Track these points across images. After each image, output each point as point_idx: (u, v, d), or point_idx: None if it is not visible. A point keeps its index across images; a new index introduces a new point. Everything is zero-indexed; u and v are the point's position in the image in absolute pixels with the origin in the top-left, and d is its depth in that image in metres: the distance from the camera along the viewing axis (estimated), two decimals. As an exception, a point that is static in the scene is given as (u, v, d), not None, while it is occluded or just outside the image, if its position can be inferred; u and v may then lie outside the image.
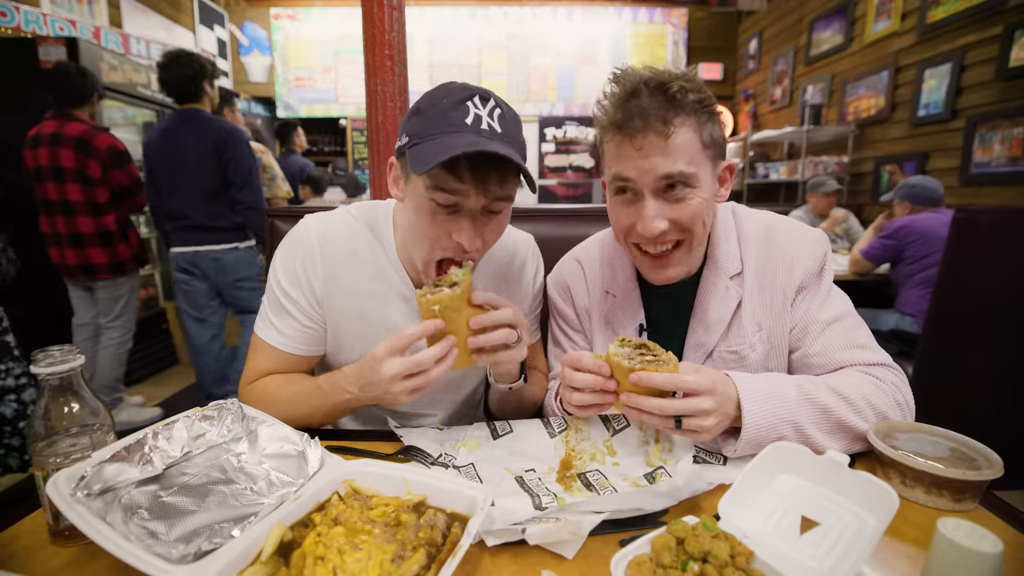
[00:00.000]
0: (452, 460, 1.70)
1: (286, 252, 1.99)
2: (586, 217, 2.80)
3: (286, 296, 1.96)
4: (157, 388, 7.26)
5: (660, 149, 1.68)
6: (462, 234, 1.70)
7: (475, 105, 1.65)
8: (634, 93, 1.70)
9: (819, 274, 1.93)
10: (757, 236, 1.99)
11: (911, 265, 5.45)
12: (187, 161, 5.20)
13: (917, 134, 7.40)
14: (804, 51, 10.10)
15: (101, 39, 7.90)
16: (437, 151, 1.56)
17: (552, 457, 1.75)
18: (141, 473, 1.24)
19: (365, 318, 2.01)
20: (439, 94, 1.70)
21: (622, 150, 1.74)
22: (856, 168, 8.65)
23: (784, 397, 1.63)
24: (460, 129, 1.61)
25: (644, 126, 1.67)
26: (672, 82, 1.68)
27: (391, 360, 1.60)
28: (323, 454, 1.47)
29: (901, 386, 1.75)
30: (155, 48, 8.93)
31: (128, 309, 5.81)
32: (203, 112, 5.33)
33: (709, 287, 1.97)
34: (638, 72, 1.74)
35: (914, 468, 1.41)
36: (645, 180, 1.72)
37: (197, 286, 5.50)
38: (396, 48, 3.73)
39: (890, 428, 1.60)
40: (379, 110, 3.78)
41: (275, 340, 1.99)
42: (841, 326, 1.87)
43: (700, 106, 1.72)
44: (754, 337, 1.93)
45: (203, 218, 5.30)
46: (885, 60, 7.93)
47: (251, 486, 1.31)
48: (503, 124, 1.68)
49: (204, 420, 1.45)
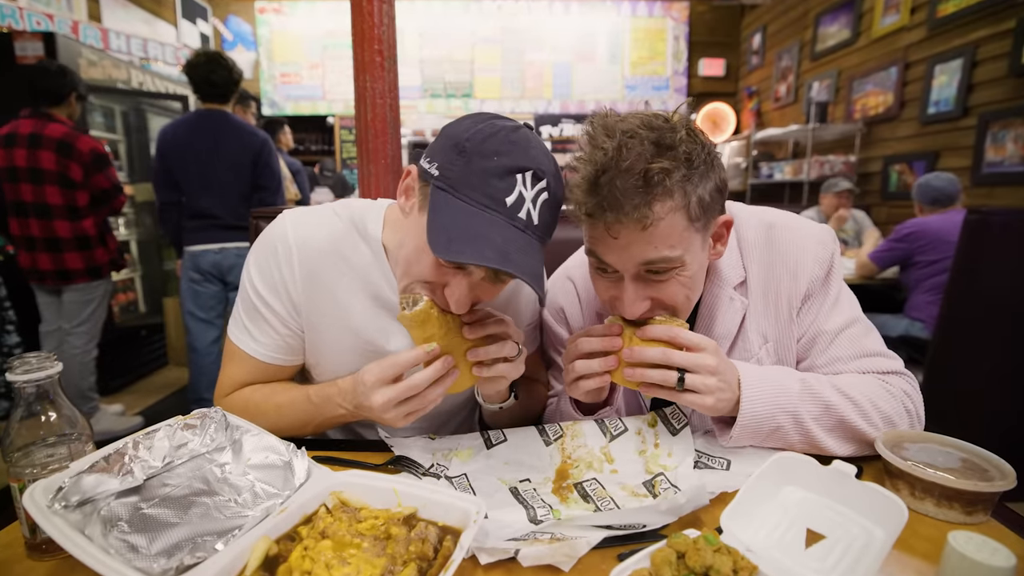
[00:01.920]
0: (444, 471, 1.70)
1: (261, 253, 1.91)
2: None
3: (262, 302, 1.89)
4: (139, 396, 7.25)
5: (637, 238, 1.56)
6: (454, 295, 1.60)
7: (523, 184, 1.50)
8: (605, 170, 1.53)
9: (826, 280, 1.89)
10: (758, 239, 1.95)
11: (922, 270, 5.44)
12: (222, 162, 5.39)
13: (927, 132, 7.41)
14: (810, 46, 10.11)
15: (80, 34, 7.89)
16: (461, 234, 1.45)
17: (548, 466, 1.74)
18: (121, 484, 1.24)
19: (346, 329, 1.95)
20: (492, 145, 1.51)
21: (597, 233, 1.62)
22: (864, 168, 8.66)
23: (786, 388, 1.64)
24: (497, 207, 1.48)
25: (617, 218, 1.53)
26: (652, 164, 1.50)
27: (382, 389, 1.58)
28: (310, 465, 1.46)
29: (912, 393, 1.75)
30: (135, 43, 8.93)
31: (96, 316, 5.80)
32: (233, 115, 5.54)
33: (713, 300, 1.93)
34: (613, 137, 1.55)
35: (924, 479, 1.41)
36: (624, 267, 1.63)
37: (209, 288, 5.63)
38: (386, 43, 3.72)
39: (899, 438, 1.60)
40: (368, 107, 3.77)
41: (251, 348, 1.93)
42: (850, 334, 1.86)
43: (688, 178, 1.55)
44: (760, 350, 1.91)
45: (231, 218, 5.47)
46: (894, 55, 7.94)
47: (235, 498, 1.31)
48: (544, 212, 1.54)
49: (186, 429, 1.45)
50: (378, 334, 1.97)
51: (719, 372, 1.57)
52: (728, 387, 1.59)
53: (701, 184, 1.57)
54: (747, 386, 1.61)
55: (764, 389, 1.62)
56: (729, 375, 1.60)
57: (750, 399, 1.60)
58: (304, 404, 1.84)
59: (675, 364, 1.55)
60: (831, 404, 1.63)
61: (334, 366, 1.98)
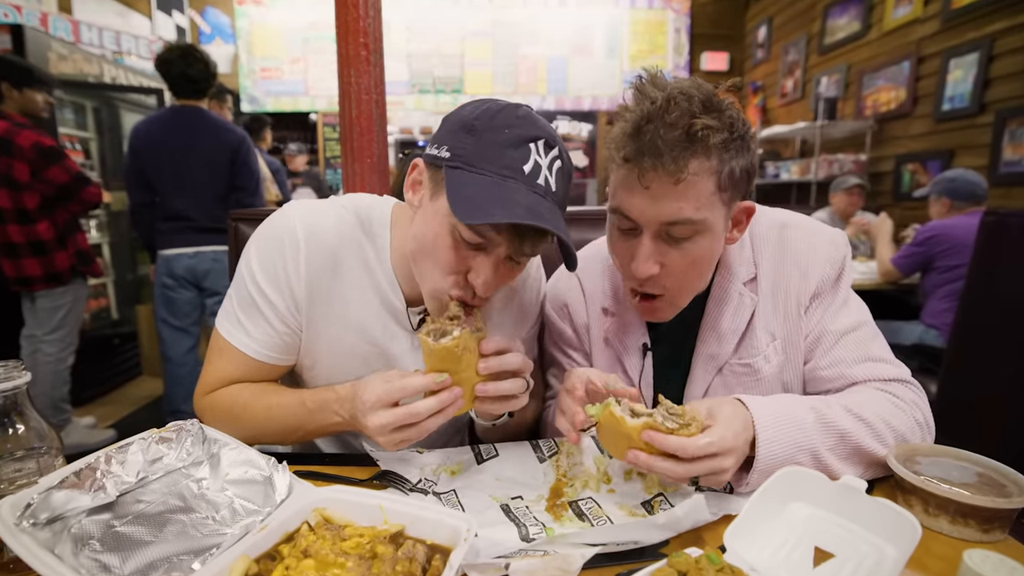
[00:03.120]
0: (433, 486, 1.69)
1: (266, 244, 1.89)
2: (581, 221, 2.75)
3: (262, 295, 1.86)
4: (112, 408, 7.23)
5: (668, 191, 1.62)
6: (479, 276, 1.65)
7: (538, 151, 1.59)
8: (650, 119, 1.60)
9: (836, 281, 1.92)
10: (770, 237, 1.98)
11: (941, 275, 5.45)
12: (198, 162, 5.41)
13: (941, 130, 7.43)
14: (818, 39, 10.12)
15: (49, 26, 7.89)
16: (487, 199, 1.51)
17: (541, 484, 1.74)
18: (93, 501, 1.24)
19: (347, 329, 1.94)
20: (502, 119, 1.61)
21: (628, 182, 1.68)
22: (875, 167, 8.68)
23: (801, 422, 1.62)
24: (515, 175, 1.56)
25: (654, 165, 1.59)
26: (697, 119, 1.57)
27: (381, 412, 1.58)
28: (292, 480, 1.46)
29: (920, 404, 1.75)
30: (108, 36, 8.92)
31: (67, 322, 5.73)
32: (209, 112, 5.56)
33: (722, 295, 1.96)
34: (663, 89, 1.63)
35: (938, 495, 1.41)
36: (646, 220, 1.68)
37: (183, 294, 5.62)
38: (372, 36, 3.71)
39: (911, 452, 1.60)
40: (353, 104, 3.76)
41: (244, 344, 1.90)
42: (855, 337, 1.88)
43: (726, 144, 1.62)
44: (768, 348, 1.93)
45: (207, 220, 5.48)
46: (906, 49, 7.95)
47: (213, 515, 1.31)
48: (559, 180, 1.65)
49: (161, 442, 1.44)
50: (381, 335, 1.97)
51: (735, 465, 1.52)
52: (742, 458, 1.57)
53: (736, 157, 1.66)
54: (762, 427, 1.58)
55: (779, 429, 1.59)
56: (744, 445, 1.56)
57: (767, 441, 1.57)
58: (297, 408, 1.83)
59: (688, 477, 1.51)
60: (845, 432, 1.62)
61: (331, 367, 1.97)
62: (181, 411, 5.71)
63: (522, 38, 12.71)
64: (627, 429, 1.47)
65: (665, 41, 12.83)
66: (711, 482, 1.52)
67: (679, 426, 1.46)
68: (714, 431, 1.47)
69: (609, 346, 2.13)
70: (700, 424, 1.48)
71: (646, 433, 1.46)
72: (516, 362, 1.67)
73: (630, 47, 12.78)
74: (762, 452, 1.56)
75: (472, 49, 12.67)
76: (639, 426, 1.46)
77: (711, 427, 1.49)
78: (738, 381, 1.97)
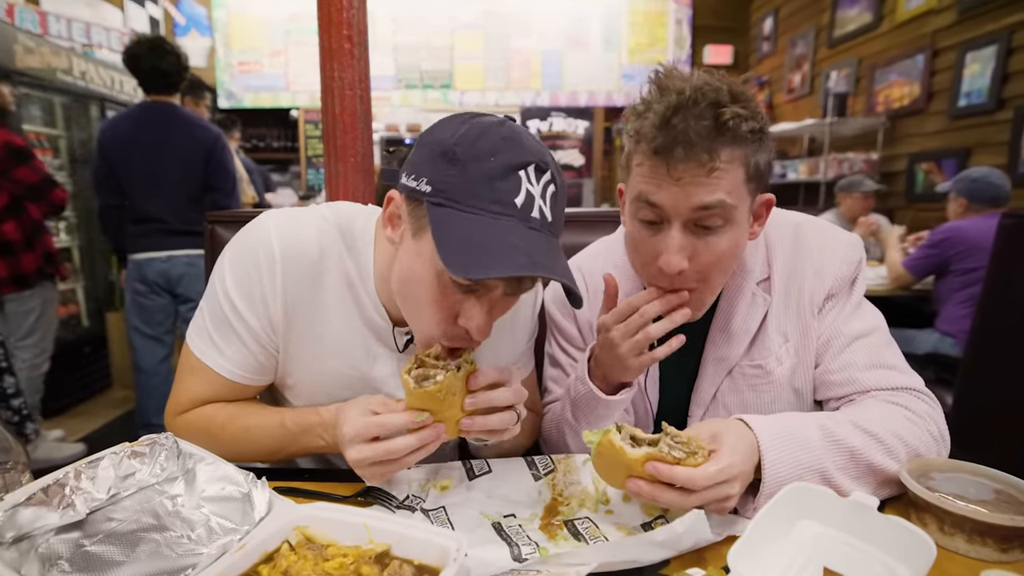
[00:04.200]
0: (420, 503, 1.70)
1: (240, 259, 1.83)
2: (576, 223, 2.70)
3: (236, 314, 1.83)
4: (81, 421, 7.21)
5: (700, 180, 1.64)
6: (472, 320, 1.60)
7: (529, 179, 1.51)
8: (679, 109, 1.62)
9: (851, 283, 1.96)
10: (785, 238, 2.02)
11: (957, 278, 5.44)
12: (171, 161, 5.38)
13: (957, 127, 7.44)
14: (827, 31, 10.14)
15: (15, 17, 7.87)
16: (481, 247, 1.44)
17: (536, 502, 1.74)
18: (61, 519, 1.24)
19: (327, 351, 1.91)
20: (486, 144, 1.51)
21: (656, 173, 1.69)
22: (887, 166, 8.69)
23: (807, 441, 1.61)
24: (508, 211, 1.48)
25: (686, 156, 1.62)
26: (726, 108, 1.61)
27: (360, 446, 1.57)
28: (271, 497, 1.46)
29: (935, 416, 1.75)
30: (77, 28, 8.91)
31: (40, 326, 5.74)
32: (182, 108, 5.55)
33: (734, 294, 1.98)
34: (687, 81, 1.66)
35: (953, 512, 1.40)
36: (677, 210, 1.68)
37: (156, 300, 5.59)
38: (356, 28, 3.70)
39: (925, 467, 1.60)
40: (336, 99, 3.74)
41: (218, 365, 1.87)
42: (868, 342, 1.89)
43: (752, 136, 1.68)
44: (780, 349, 1.95)
45: (180, 222, 5.45)
46: (920, 42, 7.96)
47: (188, 533, 1.31)
48: (554, 207, 1.57)
49: (134, 457, 1.43)
50: (364, 358, 1.95)
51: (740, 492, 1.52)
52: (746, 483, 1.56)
53: (761, 149, 1.72)
54: (767, 448, 1.57)
55: (785, 450, 1.58)
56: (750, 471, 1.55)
57: (773, 463, 1.56)
58: (277, 430, 1.82)
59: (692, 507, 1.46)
60: (856, 449, 1.61)
61: (312, 387, 1.96)
62: (154, 424, 5.66)
63: (515, 30, 12.69)
64: (627, 460, 1.46)
65: (665, 33, 12.83)
66: (716, 509, 1.52)
67: (685, 455, 1.46)
68: (721, 458, 1.47)
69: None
70: (706, 452, 1.48)
71: (651, 465, 1.44)
72: (505, 398, 1.64)
73: (628, 40, 12.79)
74: (768, 475, 1.55)
75: (462, 42, 12.66)
76: (641, 457, 1.45)
77: (716, 453, 1.49)
78: (748, 384, 1.98)
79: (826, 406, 1.97)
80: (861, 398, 1.85)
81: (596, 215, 2.56)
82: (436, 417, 1.58)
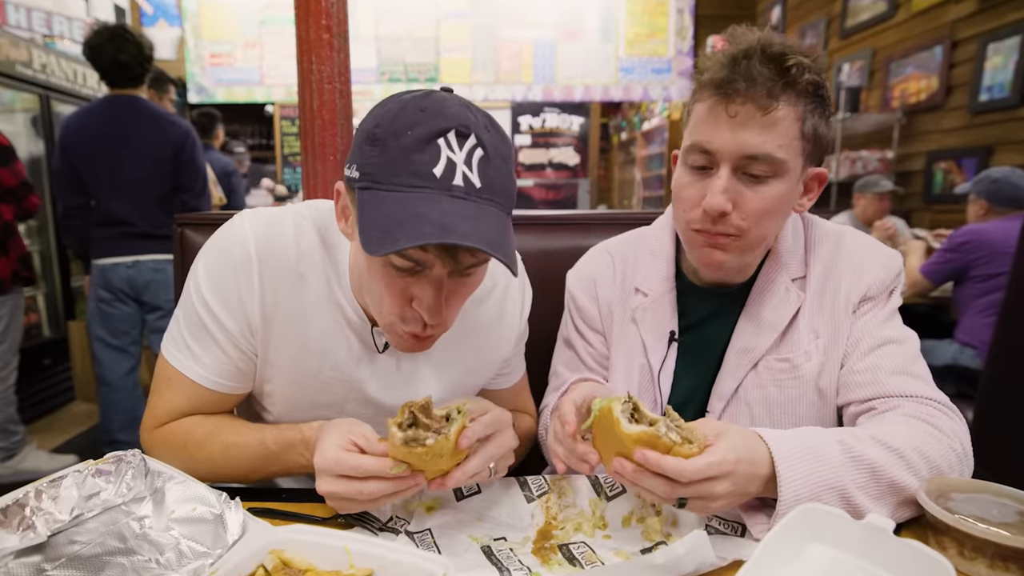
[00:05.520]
0: (404, 525, 1.69)
1: (215, 259, 1.84)
2: (571, 226, 2.67)
3: (213, 319, 1.83)
4: (42, 437, 7.09)
5: (755, 122, 1.76)
6: (422, 303, 1.61)
7: (448, 145, 1.50)
8: (747, 55, 1.76)
9: (890, 292, 2.01)
10: (826, 240, 2.08)
11: (977, 285, 5.43)
12: (139, 159, 5.34)
13: (978, 123, 7.44)
14: (839, 21, 10.16)
15: (-32, 6, 7.83)
16: (393, 222, 1.47)
17: (528, 525, 1.74)
18: (21, 541, 1.23)
19: (308, 351, 1.91)
20: (404, 119, 1.53)
21: (714, 113, 1.82)
22: (903, 165, 8.68)
23: (826, 457, 1.59)
24: (426, 184, 1.48)
25: (746, 91, 1.75)
26: (792, 55, 1.75)
27: (330, 479, 1.55)
28: (245, 518, 1.45)
29: (960, 433, 1.74)
30: (37, 18, 8.89)
31: (8, 336, 5.69)
32: (149, 102, 5.49)
33: (767, 284, 2.04)
34: (757, 34, 1.80)
35: (975, 536, 1.39)
36: (727, 151, 1.80)
37: (121, 309, 5.55)
38: (335, 17, 3.69)
39: (945, 487, 1.59)
40: (314, 94, 3.74)
41: (194, 373, 1.87)
42: (898, 349, 1.91)
43: (813, 91, 1.81)
44: (810, 345, 1.98)
45: (148, 225, 5.42)
46: (939, 32, 7.97)
47: (156, 557, 1.31)
48: (485, 171, 1.54)
49: (98, 476, 1.43)
50: (346, 358, 1.95)
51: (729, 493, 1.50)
52: (742, 496, 1.56)
53: (819, 111, 1.86)
54: (783, 463, 1.55)
55: (803, 465, 1.57)
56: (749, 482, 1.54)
57: (790, 480, 1.54)
58: (258, 448, 1.82)
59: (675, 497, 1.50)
60: (877, 466, 1.60)
61: (292, 392, 1.96)
62: (119, 441, 5.64)
63: (504, 20, 12.65)
64: (620, 434, 1.47)
65: (666, 23, 12.80)
66: (698, 508, 1.52)
67: (681, 441, 1.46)
68: (714, 452, 1.47)
69: (634, 326, 2.18)
70: (703, 445, 1.47)
71: (639, 452, 1.45)
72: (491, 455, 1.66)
73: (627, 31, 12.77)
74: (785, 492, 1.53)
75: (448, 32, 12.63)
76: (634, 435, 1.45)
77: (711, 447, 1.48)
78: (773, 378, 2.00)
79: (846, 411, 1.97)
80: (883, 406, 1.84)
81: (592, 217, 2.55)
82: (418, 468, 1.57)
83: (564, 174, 13.12)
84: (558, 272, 2.40)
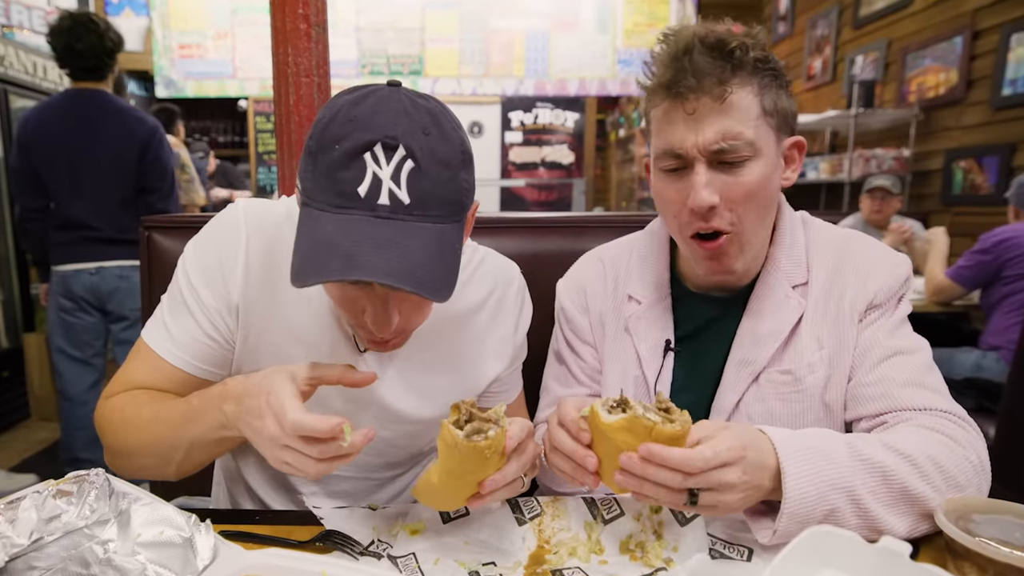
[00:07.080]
0: (388, 549, 1.69)
1: (203, 236, 1.95)
2: (565, 229, 2.69)
3: (191, 290, 1.87)
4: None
5: (715, 113, 1.83)
6: (370, 317, 1.64)
7: (375, 160, 1.50)
8: (687, 50, 1.83)
9: (898, 299, 2.01)
10: (829, 244, 2.09)
11: (1009, 285, 5.44)
12: (101, 158, 5.30)
13: (1000, 119, 7.43)
14: (852, 10, 10.18)
15: (-81, -8, 7.82)
16: (310, 252, 1.49)
17: (519, 549, 1.73)
18: (-26, 569, 1.24)
19: (291, 338, 1.94)
20: (334, 131, 1.54)
21: (671, 116, 1.89)
22: (920, 164, 8.69)
23: (833, 457, 1.61)
24: (351, 204, 1.51)
25: (697, 86, 1.81)
26: (731, 39, 1.82)
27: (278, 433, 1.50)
28: (217, 542, 1.45)
29: (976, 444, 1.75)
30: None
31: None
32: (113, 96, 5.44)
33: (766, 292, 2.04)
34: (691, 28, 1.88)
35: (997, 560, 1.38)
36: (696, 144, 1.85)
37: (84, 319, 5.52)
38: (313, 6, 3.67)
39: (964, 508, 1.58)
40: (290, 88, 3.71)
41: (164, 349, 1.89)
42: (909, 360, 1.91)
43: (762, 66, 1.88)
44: (814, 356, 1.98)
45: (111, 230, 5.40)
46: (958, 22, 7.96)
47: (120, 585, 1.31)
48: (416, 184, 1.53)
49: (60, 497, 1.43)
50: (329, 351, 1.97)
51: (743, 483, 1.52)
52: (756, 489, 1.56)
53: (774, 88, 1.93)
54: (788, 459, 1.56)
55: (808, 463, 1.57)
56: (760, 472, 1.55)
57: (796, 476, 1.55)
58: (183, 406, 1.78)
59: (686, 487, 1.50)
60: (888, 470, 1.60)
61: None
62: (82, 459, 5.61)
63: (494, 9, 12.53)
64: (603, 428, 1.49)
65: (667, 12, 12.71)
66: (712, 502, 1.52)
67: (662, 420, 1.48)
68: (719, 440, 1.50)
69: (628, 336, 2.19)
70: (686, 424, 1.49)
71: (644, 447, 1.46)
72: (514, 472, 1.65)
73: (625, 20, 12.66)
74: (791, 490, 1.54)
75: (434, 22, 12.53)
76: (614, 424, 1.48)
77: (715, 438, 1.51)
78: (776, 392, 2.01)
79: (856, 427, 1.97)
80: (895, 420, 1.84)
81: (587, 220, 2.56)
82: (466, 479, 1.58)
83: (558, 173, 13.10)
84: (550, 279, 2.41)
